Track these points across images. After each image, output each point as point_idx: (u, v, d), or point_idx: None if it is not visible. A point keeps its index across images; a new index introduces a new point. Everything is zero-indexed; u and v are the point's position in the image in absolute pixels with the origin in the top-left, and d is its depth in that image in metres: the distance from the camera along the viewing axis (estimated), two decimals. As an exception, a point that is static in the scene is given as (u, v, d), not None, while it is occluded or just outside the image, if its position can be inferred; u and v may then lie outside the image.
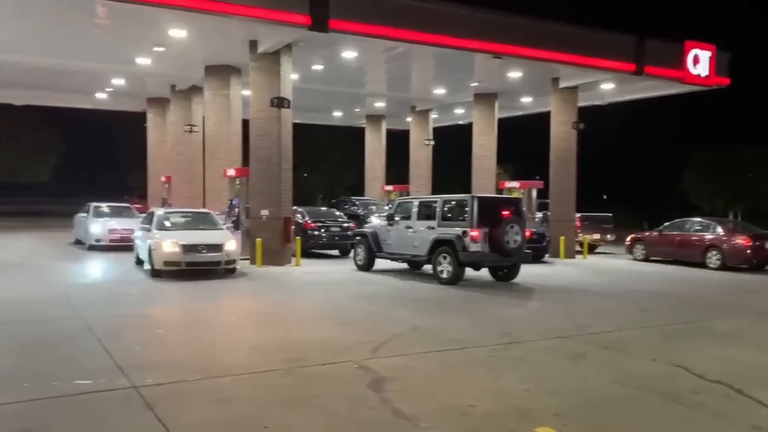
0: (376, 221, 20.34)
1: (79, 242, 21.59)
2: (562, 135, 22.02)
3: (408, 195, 27.99)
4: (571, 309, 11.35)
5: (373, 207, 25.84)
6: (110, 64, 20.91)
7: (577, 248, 22.04)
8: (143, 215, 18.25)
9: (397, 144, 34.42)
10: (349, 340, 8.30)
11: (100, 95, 27.34)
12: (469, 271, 14.25)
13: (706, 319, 10.74)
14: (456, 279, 13.61)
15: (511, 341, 8.46)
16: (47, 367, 6.85)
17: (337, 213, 21.27)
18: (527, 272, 15.40)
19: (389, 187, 31.43)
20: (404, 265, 16.40)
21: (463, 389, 6.30)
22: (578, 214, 22.43)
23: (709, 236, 19.20)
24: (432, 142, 30.08)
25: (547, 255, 20.06)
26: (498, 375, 6.84)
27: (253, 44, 16.78)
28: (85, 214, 21.34)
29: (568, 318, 10.39)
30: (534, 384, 6.50)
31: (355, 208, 25.54)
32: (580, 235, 22.48)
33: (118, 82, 24.06)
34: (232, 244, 14.48)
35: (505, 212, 13.73)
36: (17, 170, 43.27)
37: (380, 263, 16.27)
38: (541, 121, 24.39)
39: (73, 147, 47.99)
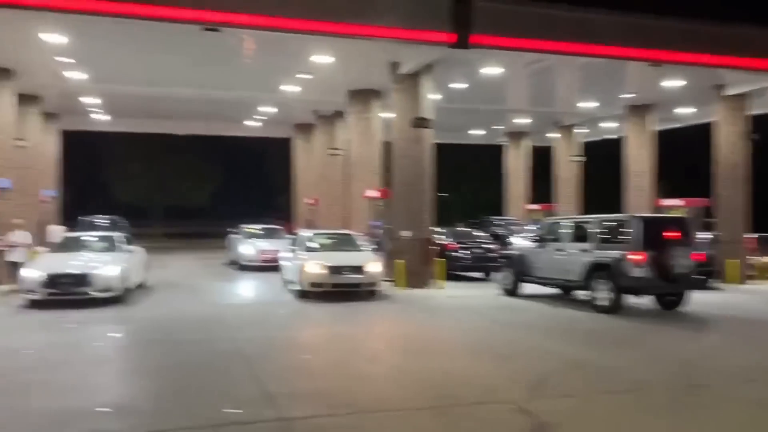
0: (519, 242, 19.44)
1: (233, 263, 22.67)
2: (731, 147, 19.81)
3: (554, 215, 26.72)
4: (760, 346, 9.85)
5: (516, 227, 24.89)
6: (259, 93, 21.96)
7: (750, 273, 19.61)
8: (291, 236, 18.74)
9: (540, 161, 33.11)
10: (503, 376, 7.65)
11: (251, 123, 28.88)
12: (627, 298, 12.98)
13: None
14: (615, 307, 12.43)
15: (692, 383, 7.38)
16: (199, 392, 6.89)
17: (480, 234, 20.60)
18: (696, 299, 13.79)
19: (532, 207, 30.22)
20: (553, 290, 15.37)
21: (643, 443, 5.45)
22: (752, 235, 20.00)
23: None
24: (580, 159, 28.54)
25: (715, 280, 18.01)
26: (683, 427, 5.87)
27: (394, 66, 16.73)
28: (237, 236, 22.40)
29: (757, 356, 8.98)
30: (730, 441, 5.50)
31: (497, 228, 24.72)
32: (755, 258, 20.00)
33: (267, 110, 25.23)
34: (375, 266, 14.34)
35: (671, 234, 12.38)
36: (181, 195, 47.12)
37: (527, 287, 15.36)
38: (704, 132, 22.21)
39: (228, 172, 51.53)
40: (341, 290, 13.87)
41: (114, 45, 15.71)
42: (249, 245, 21.09)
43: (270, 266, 19.71)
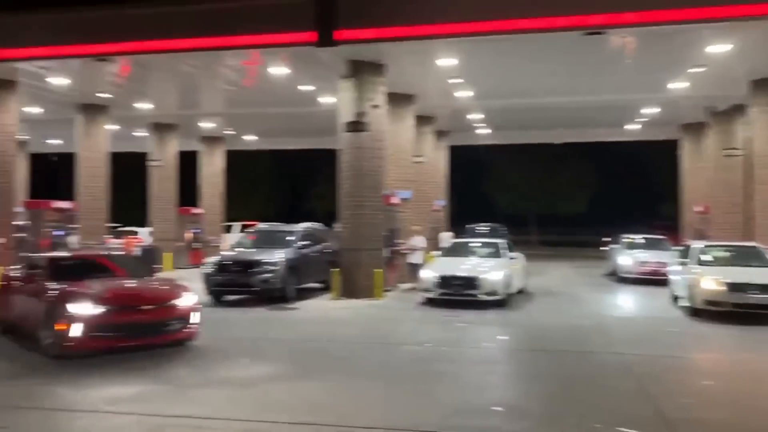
0: None
1: (611, 273, 21.81)
2: None
3: None
4: None
5: None
6: (641, 94, 20.64)
7: None
8: (678, 248, 17.13)
9: None
10: None
11: (631, 126, 27.43)
12: None
13: None
14: None
15: None
16: (588, 405, 6.68)
17: None
18: None
19: None
20: None
21: None
22: None
23: None
24: None
25: None
26: None
27: (816, 45, 13.91)
28: (616, 246, 21.48)
29: None
30: None
31: None
32: None
33: (649, 111, 23.60)
34: (795, 286, 12.04)
35: None
36: (556, 203, 47.82)
37: None
38: None
39: (605, 179, 49.96)
40: (745, 311, 12.02)
41: (495, 60, 16.60)
42: (627, 256, 20.02)
43: (650, 279, 18.38)
